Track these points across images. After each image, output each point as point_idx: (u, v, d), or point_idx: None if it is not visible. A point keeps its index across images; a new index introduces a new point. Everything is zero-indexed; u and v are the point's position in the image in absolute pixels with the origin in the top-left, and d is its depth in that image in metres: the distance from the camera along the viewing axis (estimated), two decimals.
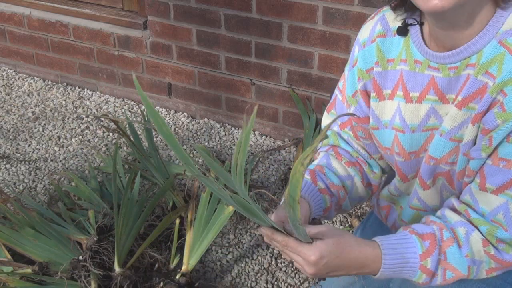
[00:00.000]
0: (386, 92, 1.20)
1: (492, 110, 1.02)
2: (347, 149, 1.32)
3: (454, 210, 1.13)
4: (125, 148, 2.52)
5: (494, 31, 1.03)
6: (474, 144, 1.08)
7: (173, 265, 1.89)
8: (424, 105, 1.15)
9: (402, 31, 1.16)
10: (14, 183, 2.36)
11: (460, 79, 1.08)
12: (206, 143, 2.57)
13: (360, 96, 1.26)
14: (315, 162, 1.32)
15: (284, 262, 2.00)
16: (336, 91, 1.35)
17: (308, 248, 1.02)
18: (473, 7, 1.01)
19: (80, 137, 2.63)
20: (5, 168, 2.45)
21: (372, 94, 1.23)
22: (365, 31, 1.23)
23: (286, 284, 1.92)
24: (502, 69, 1.00)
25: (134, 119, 2.75)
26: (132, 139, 2.14)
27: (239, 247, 2.06)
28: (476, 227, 1.07)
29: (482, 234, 1.06)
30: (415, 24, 1.14)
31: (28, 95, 2.95)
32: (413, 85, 1.15)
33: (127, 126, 2.32)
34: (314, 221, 1.17)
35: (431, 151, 1.16)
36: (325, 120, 1.38)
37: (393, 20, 1.19)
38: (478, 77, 1.04)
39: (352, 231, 1.89)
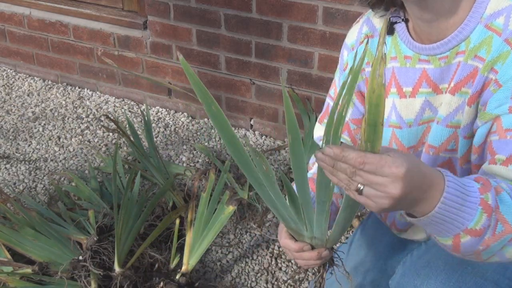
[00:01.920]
0: None
1: (488, 88, 1.02)
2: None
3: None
4: (125, 148, 2.52)
5: (479, 17, 1.04)
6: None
7: (173, 265, 1.89)
8: (418, 99, 1.16)
9: (389, 30, 1.17)
10: (14, 183, 2.36)
11: (451, 68, 1.09)
12: (206, 143, 2.57)
13: (356, 98, 1.27)
14: (311, 172, 1.33)
15: (284, 262, 2.00)
16: (328, 100, 1.36)
17: (393, 160, 0.80)
18: None
19: (80, 137, 2.63)
20: (5, 168, 2.45)
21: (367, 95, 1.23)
22: (352, 35, 1.26)
23: (286, 284, 1.92)
24: (491, 50, 1.01)
25: (134, 119, 2.75)
26: (132, 139, 2.14)
27: (239, 247, 2.06)
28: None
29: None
30: (400, 22, 1.15)
31: (28, 95, 2.95)
32: (406, 80, 1.16)
33: (127, 126, 2.32)
34: None
35: (430, 140, 1.16)
36: (318, 131, 1.36)
37: (378, 21, 1.21)
38: (468, 62, 1.05)
39: (352, 231, 1.90)
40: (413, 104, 1.17)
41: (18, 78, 3.08)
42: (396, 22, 1.16)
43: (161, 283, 1.79)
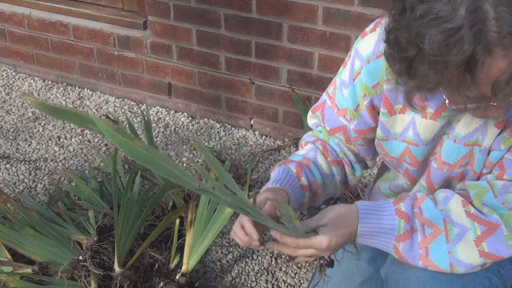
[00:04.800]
0: (398, 107, 1.18)
1: None
2: (335, 148, 1.33)
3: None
4: None
5: None
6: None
7: (173, 265, 1.89)
8: (438, 122, 1.14)
9: None
10: (14, 183, 2.36)
11: None
12: (206, 143, 2.57)
13: (366, 111, 1.23)
14: (302, 152, 1.32)
15: (284, 262, 2.00)
16: (325, 96, 1.34)
17: (317, 240, 1.09)
18: None
19: (80, 137, 2.63)
20: (5, 168, 2.45)
21: (383, 110, 1.20)
22: (367, 45, 1.18)
23: (286, 284, 1.92)
24: None
25: (134, 119, 2.75)
26: None
27: (239, 247, 2.06)
28: (466, 191, 1.09)
29: (466, 198, 1.08)
30: None
31: (28, 95, 2.95)
32: (430, 102, 1.13)
33: (127, 126, 2.32)
34: (310, 210, 1.24)
35: (444, 157, 1.16)
36: (311, 119, 1.39)
37: None
38: None
39: None
40: (434, 126, 1.15)
41: (18, 78, 3.08)
42: None
43: (161, 283, 1.79)
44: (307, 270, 1.97)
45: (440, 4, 0.84)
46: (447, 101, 0.97)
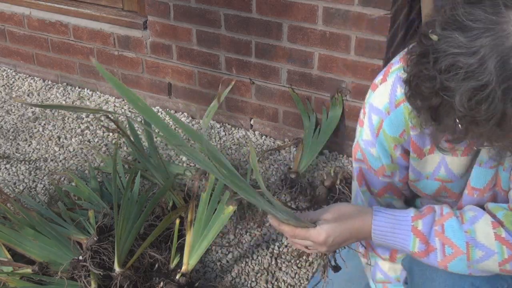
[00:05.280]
0: (426, 149, 1.17)
1: None
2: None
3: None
4: (125, 148, 2.52)
5: None
6: None
7: (173, 265, 1.89)
8: (469, 156, 1.13)
9: None
10: (14, 183, 2.36)
11: None
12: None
13: (401, 158, 1.20)
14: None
15: (284, 262, 2.00)
16: (356, 164, 1.29)
17: (314, 232, 1.09)
18: None
19: (80, 137, 2.63)
20: (5, 168, 2.45)
21: (412, 155, 1.18)
22: (382, 97, 1.15)
23: (286, 284, 1.92)
24: None
25: (134, 119, 2.75)
26: (132, 139, 2.14)
27: (239, 247, 2.06)
28: (492, 214, 1.04)
29: (495, 218, 1.02)
30: None
31: (28, 95, 2.95)
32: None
33: (127, 126, 2.32)
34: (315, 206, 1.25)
35: (472, 182, 1.15)
36: (363, 195, 1.33)
37: None
38: None
39: None
40: (465, 161, 1.14)
41: (18, 78, 3.08)
42: None
43: (161, 283, 1.79)
44: (307, 270, 1.97)
45: (465, 58, 0.81)
46: (475, 147, 0.97)
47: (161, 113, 2.79)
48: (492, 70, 0.80)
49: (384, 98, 1.14)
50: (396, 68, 1.14)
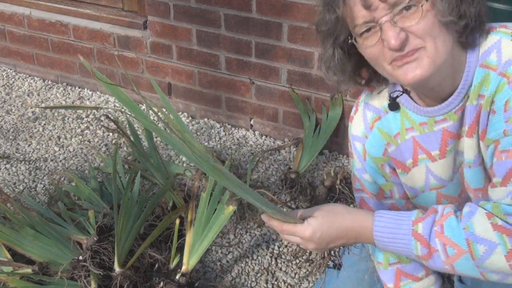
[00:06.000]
0: (409, 162, 1.23)
1: (490, 120, 1.06)
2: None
3: None
4: (125, 148, 2.52)
5: (476, 60, 1.06)
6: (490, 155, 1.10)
7: (173, 265, 1.89)
8: (448, 157, 1.17)
9: (393, 106, 1.19)
10: (14, 183, 2.36)
11: (465, 112, 1.11)
12: (206, 143, 2.57)
13: (393, 175, 1.28)
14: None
15: (284, 262, 2.00)
16: (356, 195, 1.37)
17: (301, 227, 1.09)
18: (449, 63, 1.04)
19: (80, 137, 2.63)
20: (5, 168, 2.45)
21: (398, 170, 1.26)
22: (358, 125, 1.27)
23: (286, 284, 1.92)
24: (489, 86, 1.04)
25: (134, 119, 2.75)
26: (132, 139, 2.14)
27: (239, 247, 2.06)
28: (481, 207, 1.06)
29: (487, 210, 1.03)
30: (401, 95, 1.17)
31: (28, 95, 2.95)
32: (430, 145, 1.18)
33: (127, 126, 2.32)
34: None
35: (472, 184, 1.18)
36: None
37: (377, 101, 1.23)
38: (473, 103, 1.08)
39: None
40: (446, 162, 1.18)
41: (18, 78, 3.08)
42: (397, 96, 1.17)
43: (161, 283, 1.79)
44: (307, 270, 1.97)
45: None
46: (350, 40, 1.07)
47: (161, 113, 2.79)
48: None
49: (360, 125, 1.26)
50: (363, 98, 1.26)
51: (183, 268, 1.83)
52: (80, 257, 1.78)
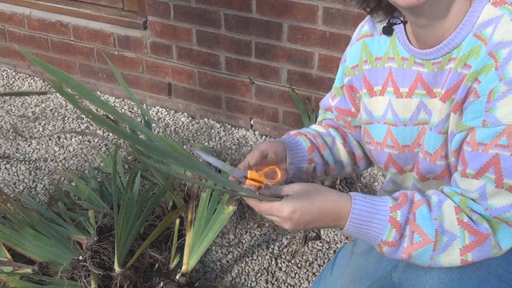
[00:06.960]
0: (377, 89, 1.25)
1: (469, 98, 1.05)
2: (331, 118, 1.42)
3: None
4: (125, 148, 2.52)
5: (471, 25, 1.06)
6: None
7: (173, 265, 1.89)
8: (414, 100, 1.18)
9: (388, 30, 1.21)
10: (14, 183, 2.36)
11: (444, 73, 1.12)
12: (206, 143, 2.57)
13: (345, 91, 1.34)
14: (317, 129, 1.41)
15: (284, 262, 2.00)
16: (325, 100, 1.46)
17: (279, 205, 1.05)
18: (446, 3, 1.05)
19: (80, 137, 2.63)
20: (5, 168, 2.45)
21: (364, 91, 1.29)
22: (356, 31, 1.33)
23: (286, 284, 1.92)
24: (478, 60, 1.03)
25: (135, 119, 2.75)
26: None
27: (239, 247, 2.06)
28: (449, 198, 1.08)
29: (455, 203, 1.06)
30: (399, 23, 1.19)
31: (28, 95, 2.95)
32: (402, 81, 1.19)
33: (127, 126, 2.32)
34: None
35: (425, 146, 1.18)
36: (325, 101, 1.47)
37: (380, 22, 1.25)
38: (458, 70, 1.07)
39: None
40: (409, 104, 1.19)
41: (18, 78, 3.08)
42: (395, 23, 1.19)
43: (161, 283, 1.79)
44: (307, 270, 1.97)
45: None
46: None
47: (161, 113, 2.79)
48: None
49: (356, 32, 1.33)
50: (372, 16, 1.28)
51: (183, 268, 1.83)
52: (80, 257, 1.78)
